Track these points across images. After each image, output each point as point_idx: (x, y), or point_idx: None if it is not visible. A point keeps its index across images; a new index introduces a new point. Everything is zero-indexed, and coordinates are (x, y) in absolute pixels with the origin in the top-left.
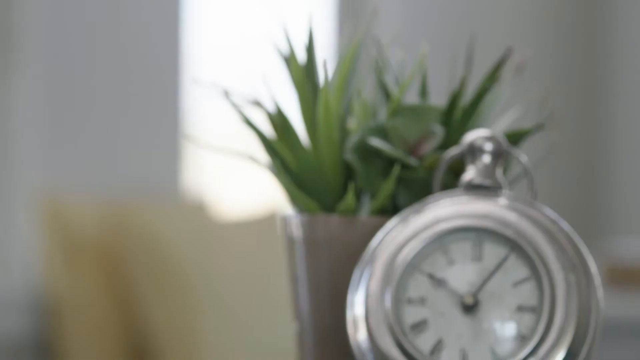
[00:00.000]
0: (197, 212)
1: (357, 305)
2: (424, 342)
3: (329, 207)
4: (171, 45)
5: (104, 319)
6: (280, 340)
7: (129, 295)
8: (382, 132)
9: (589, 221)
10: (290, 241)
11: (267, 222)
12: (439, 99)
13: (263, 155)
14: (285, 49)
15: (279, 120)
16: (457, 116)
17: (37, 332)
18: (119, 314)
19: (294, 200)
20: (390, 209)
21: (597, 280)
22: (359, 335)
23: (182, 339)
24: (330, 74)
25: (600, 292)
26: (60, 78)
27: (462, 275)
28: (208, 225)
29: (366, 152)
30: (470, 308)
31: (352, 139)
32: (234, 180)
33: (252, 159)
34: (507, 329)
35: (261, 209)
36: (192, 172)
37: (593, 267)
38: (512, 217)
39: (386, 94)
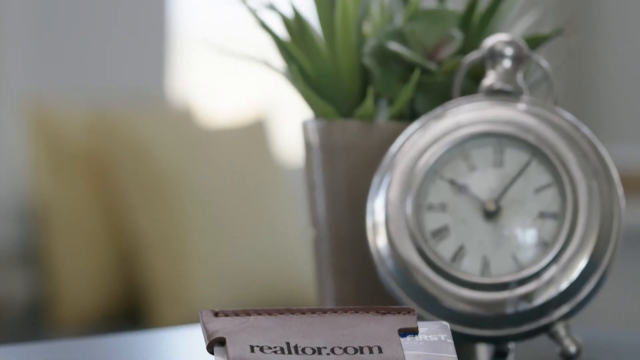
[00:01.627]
0: (185, 118)
1: (376, 212)
2: (445, 249)
3: (346, 112)
4: None
5: (91, 225)
6: (267, 244)
7: (116, 202)
8: (399, 37)
9: None
10: (307, 147)
11: (254, 129)
12: (455, 3)
13: (278, 60)
14: None
15: (296, 24)
16: (476, 21)
17: (24, 239)
18: (106, 221)
19: (311, 105)
20: (408, 115)
21: (620, 186)
22: (378, 241)
23: (169, 245)
24: None
25: (622, 199)
26: None
27: (483, 181)
28: (195, 132)
29: (384, 56)
30: (491, 214)
31: (370, 43)
32: (221, 87)
33: (267, 64)
34: (529, 236)
35: (249, 116)
36: (180, 78)
37: (615, 174)
38: (533, 122)
39: None
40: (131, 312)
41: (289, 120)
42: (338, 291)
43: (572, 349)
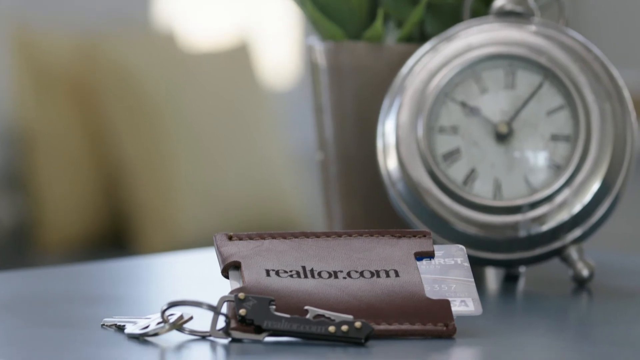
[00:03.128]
0: (169, 42)
1: (387, 134)
2: (456, 172)
3: (354, 34)
4: None
5: (75, 149)
6: (252, 168)
7: (100, 126)
8: None
9: None
10: (314, 69)
11: (238, 53)
12: None
13: None
14: None
15: None
16: None
17: (8, 164)
18: (90, 145)
19: (319, 27)
20: (417, 37)
21: (632, 109)
22: (389, 164)
23: (154, 169)
24: None
25: (635, 121)
26: None
27: (495, 103)
28: (179, 56)
29: None
30: (503, 137)
31: None
32: (205, 11)
33: None
34: (541, 159)
35: (233, 40)
36: (164, 2)
37: (627, 96)
38: (545, 44)
39: None
40: (116, 237)
41: (273, 43)
42: (346, 214)
43: (585, 272)
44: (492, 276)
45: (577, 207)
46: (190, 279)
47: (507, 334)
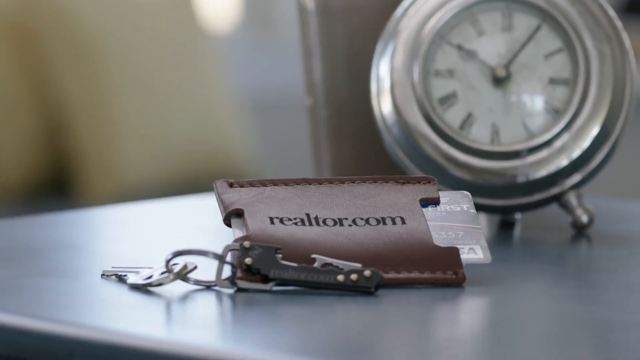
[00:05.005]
0: None
1: (381, 78)
2: (453, 116)
3: None
4: None
5: (15, 93)
6: (197, 113)
7: (41, 69)
8: None
9: None
10: (302, 11)
11: None
12: None
13: None
14: None
15: None
16: None
17: None
18: (31, 89)
19: None
20: None
21: (631, 53)
22: (384, 108)
23: (97, 114)
24: None
25: (634, 65)
26: None
27: (492, 46)
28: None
29: None
30: (501, 80)
31: None
32: None
33: None
34: (539, 102)
35: None
36: None
37: (627, 40)
38: None
39: None
40: (58, 183)
41: None
42: (336, 160)
43: (584, 218)
44: (486, 223)
45: (576, 152)
46: (174, 228)
47: (515, 282)
